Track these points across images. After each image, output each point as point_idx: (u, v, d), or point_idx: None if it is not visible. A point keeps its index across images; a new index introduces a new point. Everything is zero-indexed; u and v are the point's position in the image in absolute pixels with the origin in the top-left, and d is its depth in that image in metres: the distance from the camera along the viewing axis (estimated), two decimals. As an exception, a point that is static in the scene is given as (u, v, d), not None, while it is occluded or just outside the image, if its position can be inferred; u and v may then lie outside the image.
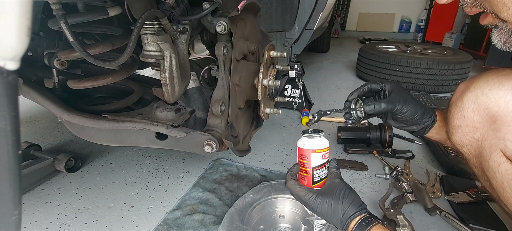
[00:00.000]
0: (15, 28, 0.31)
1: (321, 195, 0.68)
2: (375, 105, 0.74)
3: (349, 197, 0.66)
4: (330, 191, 0.68)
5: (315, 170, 0.73)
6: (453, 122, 0.67)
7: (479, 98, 0.61)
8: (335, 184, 0.69)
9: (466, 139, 0.65)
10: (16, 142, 0.34)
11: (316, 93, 2.35)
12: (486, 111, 0.60)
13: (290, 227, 0.93)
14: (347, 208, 0.65)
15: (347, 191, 0.68)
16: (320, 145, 0.72)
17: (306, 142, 0.73)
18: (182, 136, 0.83)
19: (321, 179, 0.74)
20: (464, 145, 0.66)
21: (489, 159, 0.60)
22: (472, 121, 0.63)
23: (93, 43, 0.80)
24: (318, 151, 0.72)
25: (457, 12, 4.17)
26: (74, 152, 1.38)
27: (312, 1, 1.37)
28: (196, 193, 1.10)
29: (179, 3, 0.83)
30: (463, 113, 0.64)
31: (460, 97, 0.66)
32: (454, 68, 2.21)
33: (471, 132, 0.64)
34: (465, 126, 0.64)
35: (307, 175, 0.74)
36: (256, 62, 1.03)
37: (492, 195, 0.64)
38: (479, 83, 0.62)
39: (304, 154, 0.73)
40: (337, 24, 5.53)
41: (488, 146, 0.60)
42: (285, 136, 1.61)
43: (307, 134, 0.73)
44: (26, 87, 0.86)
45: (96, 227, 0.98)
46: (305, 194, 0.70)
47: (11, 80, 0.32)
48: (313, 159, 0.72)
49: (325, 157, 0.73)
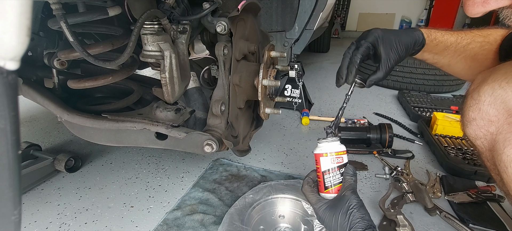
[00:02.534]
0: (15, 28, 0.31)
1: (330, 207, 0.66)
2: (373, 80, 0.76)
3: (358, 213, 0.63)
4: (340, 204, 0.65)
5: (325, 174, 0.71)
6: (468, 114, 0.66)
7: (496, 91, 0.60)
8: (346, 198, 0.66)
9: (480, 132, 0.64)
10: (16, 142, 0.34)
11: (316, 94, 2.35)
12: (502, 105, 0.59)
13: (290, 227, 0.93)
14: (354, 225, 0.62)
15: (357, 206, 0.64)
16: (329, 148, 0.71)
17: (317, 146, 0.73)
18: (182, 136, 0.83)
19: (332, 184, 0.71)
20: (478, 138, 0.65)
21: (502, 153, 0.58)
22: (487, 113, 0.61)
23: (93, 43, 0.80)
24: (325, 155, 0.71)
25: (457, 12, 4.17)
26: (74, 152, 1.38)
27: (312, 1, 1.37)
28: (196, 193, 1.10)
29: (179, 3, 0.83)
30: (479, 106, 0.63)
31: (477, 90, 0.64)
32: (454, 69, 2.21)
33: (486, 125, 0.62)
34: (480, 118, 0.63)
35: (320, 180, 0.72)
36: (256, 62, 1.03)
37: (502, 189, 0.63)
38: (496, 76, 0.61)
39: (315, 158, 0.73)
40: (337, 24, 5.52)
41: (502, 139, 0.58)
42: (285, 136, 1.61)
43: (320, 139, 0.73)
44: (26, 87, 0.86)
45: (96, 227, 0.98)
46: (316, 202, 0.69)
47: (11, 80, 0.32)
48: (322, 163, 0.71)
49: (336, 162, 0.71)
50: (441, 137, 1.44)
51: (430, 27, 0.82)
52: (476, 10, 0.49)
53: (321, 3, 1.39)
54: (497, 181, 0.65)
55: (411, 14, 5.47)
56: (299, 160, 1.36)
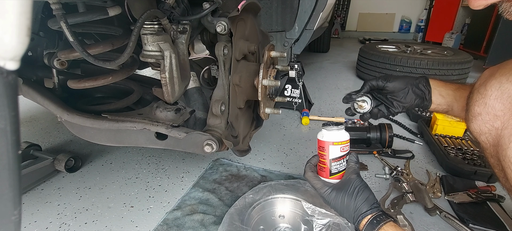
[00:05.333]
0: (15, 28, 0.31)
1: (336, 189, 0.69)
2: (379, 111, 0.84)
3: (363, 194, 0.67)
4: (345, 186, 0.69)
5: (332, 162, 0.73)
6: (473, 109, 0.65)
7: (503, 86, 0.59)
8: (351, 180, 0.70)
9: (485, 127, 0.63)
10: (16, 142, 0.34)
11: (316, 94, 2.35)
12: (509, 99, 0.58)
13: (290, 227, 0.93)
14: (360, 205, 0.65)
15: (362, 188, 0.68)
16: (338, 137, 0.73)
17: (325, 134, 0.74)
18: (182, 136, 0.83)
19: (338, 171, 0.74)
20: (483, 133, 0.64)
21: (507, 148, 0.57)
22: (493, 108, 0.60)
23: (93, 43, 0.80)
24: (336, 144, 0.72)
25: (457, 12, 4.17)
26: (74, 152, 1.38)
27: (312, 1, 1.38)
28: (196, 193, 1.10)
29: (179, 3, 0.83)
30: (485, 101, 0.62)
31: (484, 84, 0.63)
32: (454, 69, 2.21)
33: (491, 120, 0.61)
34: (485, 113, 0.62)
35: (325, 167, 0.75)
36: (256, 62, 1.03)
37: (505, 186, 0.63)
38: (504, 70, 0.60)
39: (322, 146, 0.74)
40: (337, 24, 5.53)
41: (508, 135, 0.58)
42: (285, 136, 1.61)
43: (327, 126, 0.74)
44: (26, 87, 0.86)
45: (96, 227, 0.98)
46: (321, 187, 0.72)
47: (11, 80, 0.32)
48: (331, 151, 0.73)
49: (344, 150, 0.74)
50: (441, 137, 1.44)
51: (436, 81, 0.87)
52: (479, 2, 0.53)
53: (321, 3, 1.39)
54: (500, 177, 0.64)
55: (411, 14, 5.48)
56: (299, 160, 1.36)
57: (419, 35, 5.10)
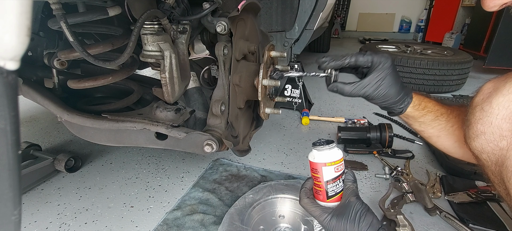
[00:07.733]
0: (15, 28, 0.31)
1: (336, 215, 0.64)
2: (337, 87, 0.72)
3: (367, 219, 0.61)
4: (346, 211, 0.63)
5: (328, 184, 0.68)
6: (476, 127, 0.61)
7: None
8: (351, 203, 0.64)
9: (489, 146, 0.60)
10: (16, 142, 0.34)
11: (316, 94, 2.35)
12: None
13: (290, 227, 0.93)
14: None
15: (364, 212, 0.63)
16: (331, 157, 0.67)
17: (316, 155, 0.68)
18: (182, 136, 0.83)
19: (336, 193, 0.69)
20: (485, 152, 0.61)
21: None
22: (500, 128, 0.57)
23: (93, 43, 0.80)
24: (329, 164, 0.67)
25: (457, 12, 4.17)
26: (74, 152, 1.38)
27: (312, 1, 1.38)
28: (196, 193, 1.10)
29: (179, 3, 0.83)
30: (490, 120, 0.58)
31: (489, 101, 0.60)
32: (454, 69, 2.21)
33: (496, 139, 0.58)
34: (490, 133, 0.59)
35: (321, 190, 0.69)
36: (256, 62, 1.03)
37: (509, 204, 0.60)
38: None
39: (315, 168, 0.68)
40: (337, 24, 5.53)
41: None
42: (285, 136, 1.61)
43: (317, 146, 0.68)
44: (26, 87, 0.86)
45: (96, 227, 0.98)
46: (320, 214, 0.66)
47: (11, 80, 0.32)
48: (324, 173, 0.67)
49: (338, 169, 0.68)
50: (441, 137, 1.44)
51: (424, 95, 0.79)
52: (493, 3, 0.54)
53: (321, 3, 1.39)
54: (502, 195, 0.62)
55: (411, 14, 5.48)
56: (299, 160, 1.36)
57: (419, 35, 5.10)
